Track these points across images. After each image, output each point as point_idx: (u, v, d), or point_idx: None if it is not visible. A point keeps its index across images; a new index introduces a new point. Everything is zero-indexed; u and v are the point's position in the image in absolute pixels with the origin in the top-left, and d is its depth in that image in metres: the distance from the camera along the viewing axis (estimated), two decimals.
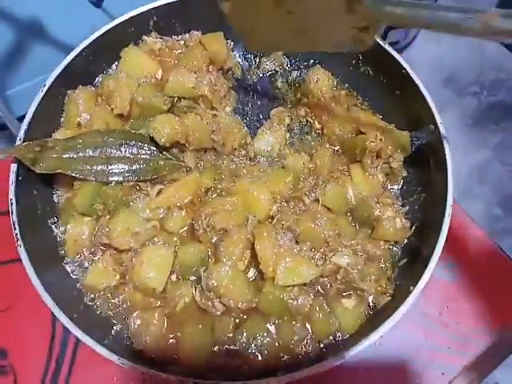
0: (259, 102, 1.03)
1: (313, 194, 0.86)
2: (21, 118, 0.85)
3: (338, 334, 0.78)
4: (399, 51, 2.28)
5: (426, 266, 0.72)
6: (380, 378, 0.89)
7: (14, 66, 1.66)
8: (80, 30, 0.96)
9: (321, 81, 0.96)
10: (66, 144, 0.83)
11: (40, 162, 0.79)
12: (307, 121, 0.96)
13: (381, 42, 0.87)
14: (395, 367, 0.90)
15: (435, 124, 0.81)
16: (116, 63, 0.97)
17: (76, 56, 0.89)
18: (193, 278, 0.81)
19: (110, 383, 0.87)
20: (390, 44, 0.87)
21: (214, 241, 0.81)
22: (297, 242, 0.81)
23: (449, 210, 0.74)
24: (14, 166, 0.77)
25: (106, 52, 0.94)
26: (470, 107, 2.43)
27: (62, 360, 0.91)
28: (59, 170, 0.80)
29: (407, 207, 0.88)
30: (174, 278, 0.80)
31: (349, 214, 0.88)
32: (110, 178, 0.83)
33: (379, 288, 0.79)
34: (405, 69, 0.85)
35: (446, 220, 0.74)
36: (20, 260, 0.74)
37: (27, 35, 1.62)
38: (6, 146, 1.78)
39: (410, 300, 0.70)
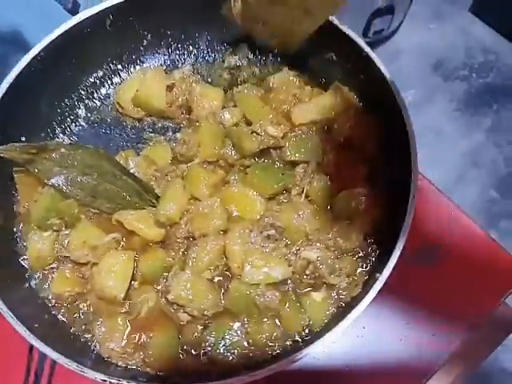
0: None
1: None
2: None
3: (309, 329, 0.75)
4: (385, 39, 2.26)
5: (392, 250, 0.69)
6: (365, 370, 0.86)
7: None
8: None
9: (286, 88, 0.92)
10: (66, 152, 0.82)
11: (35, 164, 0.80)
12: None
13: (341, 26, 0.84)
14: (380, 358, 0.87)
15: (396, 104, 0.78)
16: None
17: None
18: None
19: None
20: (375, 33, 0.86)
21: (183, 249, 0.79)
22: (276, 240, 0.79)
23: (414, 185, 0.71)
24: None
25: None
26: (460, 91, 2.39)
27: (41, 371, 0.88)
28: (49, 181, 0.80)
29: (377, 188, 0.84)
30: (136, 284, 0.78)
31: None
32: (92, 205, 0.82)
33: (350, 281, 0.77)
34: (365, 51, 0.82)
35: (411, 197, 0.72)
36: None
37: (10, 47, 1.62)
38: None
39: (377, 287, 0.68)
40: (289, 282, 0.77)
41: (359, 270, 0.78)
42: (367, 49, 0.82)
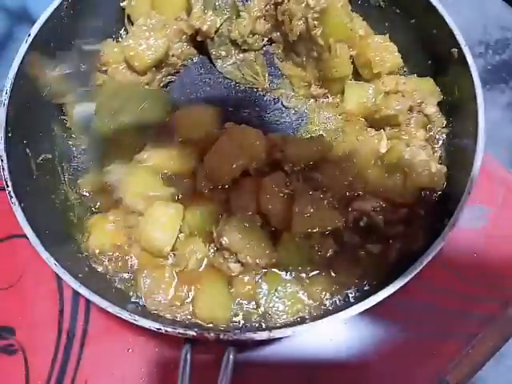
0: None
1: None
2: None
3: (365, 282, 0.72)
4: None
5: (455, 207, 0.66)
6: (409, 333, 0.83)
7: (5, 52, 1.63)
8: None
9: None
10: None
11: None
12: None
13: None
14: (426, 314, 0.83)
15: (459, 47, 0.73)
16: None
17: None
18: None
19: (125, 355, 0.82)
20: None
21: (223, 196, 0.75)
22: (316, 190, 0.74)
23: (481, 136, 0.67)
24: (2, 121, 0.71)
25: None
26: (477, 68, 2.34)
27: (72, 334, 0.85)
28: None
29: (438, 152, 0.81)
30: (182, 236, 0.75)
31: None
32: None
33: (409, 232, 0.73)
34: None
35: (478, 153, 0.68)
36: (23, 235, 0.68)
37: (17, 22, 1.58)
38: None
39: (439, 244, 0.64)
40: (343, 233, 0.73)
41: (418, 221, 0.74)
42: None
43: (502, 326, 0.86)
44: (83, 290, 0.62)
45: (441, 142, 0.80)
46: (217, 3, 0.90)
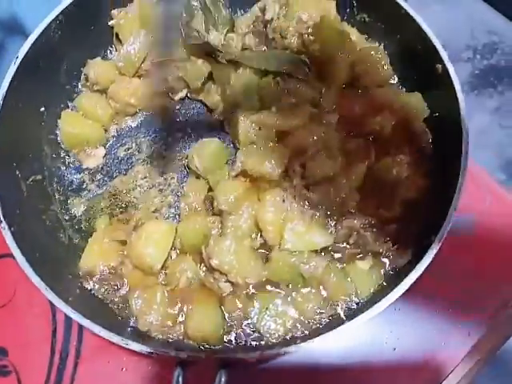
0: None
1: None
2: None
3: (355, 298, 0.73)
4: None
5: (442, 223, 0.67)
6: (402, 342, 0.84)
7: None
8: None
9: None
10: None
11: None
12: None
13: None
14: (418, 329, 0.84)
15: (442, 63, 0.75)
16: None
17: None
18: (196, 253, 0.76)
19: (118, 374, 0.82)
20: None
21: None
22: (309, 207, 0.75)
23: (466, 151, 0.68)
24: None
25: None
26: (465, 73, 2.37)
27: (66, 354, 0.85)
28: None
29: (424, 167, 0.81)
30: (174, 254, 0.76)
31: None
32: None
33: (398, 249, 0.74)
34: (404, 8, 0.79)
35: (462, 167, 0.70)
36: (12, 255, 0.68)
37: (8, 33, 1.59)
38: None
39: (428, 259, 0.65)
40: (333, 251, 0.74)
41: (406, 237, 0.74)
42: (406, 7, 0.79)
43: (501, 326, 0.87)
44: (74, 315, 0.62)
45: (427, 157, 0.81)
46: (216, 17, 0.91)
